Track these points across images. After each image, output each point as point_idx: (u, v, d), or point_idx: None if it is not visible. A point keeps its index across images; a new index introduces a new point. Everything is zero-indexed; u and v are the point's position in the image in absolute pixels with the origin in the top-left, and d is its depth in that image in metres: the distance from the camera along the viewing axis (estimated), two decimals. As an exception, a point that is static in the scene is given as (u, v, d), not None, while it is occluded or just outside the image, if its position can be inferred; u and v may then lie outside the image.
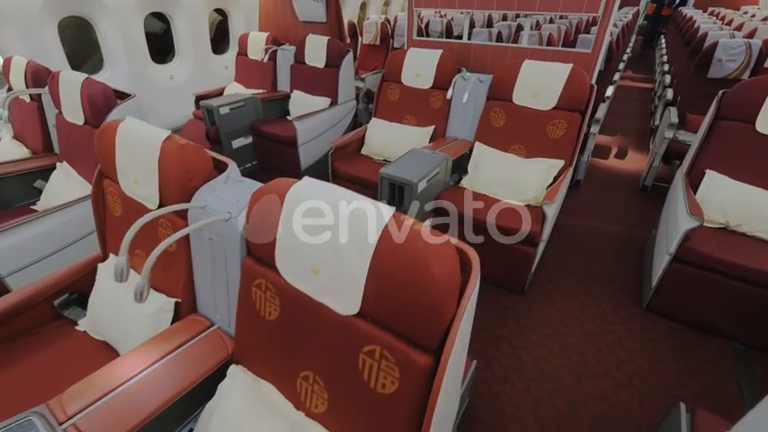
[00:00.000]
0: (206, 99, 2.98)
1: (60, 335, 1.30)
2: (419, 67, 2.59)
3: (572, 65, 2.08)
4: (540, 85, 2.15)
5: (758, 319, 1.68)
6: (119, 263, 0.90)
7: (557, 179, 2.06)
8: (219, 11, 4.14)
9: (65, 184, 1.94)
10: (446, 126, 2.58)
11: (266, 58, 3.51)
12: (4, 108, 2.09)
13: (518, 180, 2.09)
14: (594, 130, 2.93)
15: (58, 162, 2.04)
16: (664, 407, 1.52)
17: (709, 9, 9.29)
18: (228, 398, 0.96)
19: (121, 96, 1.99)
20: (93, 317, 1.30)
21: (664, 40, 7.89)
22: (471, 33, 4.42)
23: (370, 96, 3.83)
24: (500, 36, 4.93)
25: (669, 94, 3.61)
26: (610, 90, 3.59)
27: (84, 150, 1.86)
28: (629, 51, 6.61)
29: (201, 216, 1.03)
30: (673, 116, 2.87)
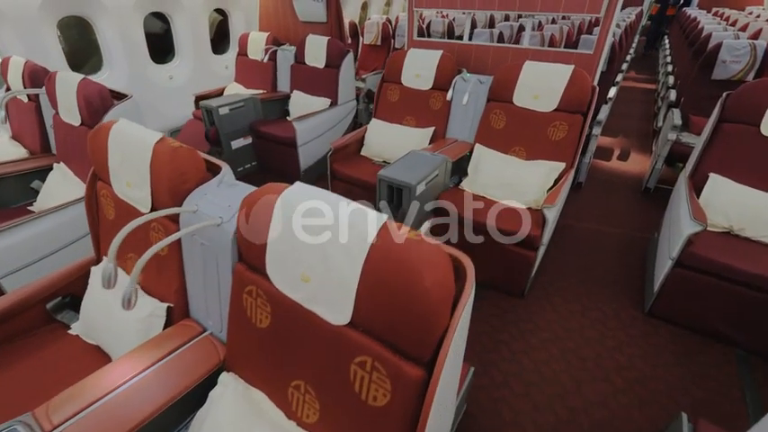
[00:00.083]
0: (206, 99, 2.97)
1: (53, 339, 1.28)
2: (419, 68, 2.57)
3: (574, 66, 2.06)
4: (542, 86, 2.13)
5: (762, 325, 1.65)
6: (106, 269, 0.88)
7: (558, 182, 2.03)
8: (219, 11, 4.12)
9: (62, 185, 1.93)
10: (446, 127, 2.56)
11: (266, 59, 3.49)
12: (1, 108, 2.09)
13: (518, 182, 2.07)
14: (596, 131, 2.91)
15: (56, 163, 2.03)
16: (665, 413, 1.50)
17: (714, 9, 9.20)
18: (220, 406, 0.94)
19: (118, 97, 1.98)
20: (86, 321, 1.28)
21: (667, 40, 7.83)
22: (473, 34, 4.39)
23: (371, 97, 3.80)
24: (502, 37, 4.90)
25: (672, 95, 3.58)
26: (612, 91, 3.55)
27: (81, 151, 1.85)
28: (632, 52, 6.57)
29: (193, 220, 1.01)
30: (676, 118, 2.84)
